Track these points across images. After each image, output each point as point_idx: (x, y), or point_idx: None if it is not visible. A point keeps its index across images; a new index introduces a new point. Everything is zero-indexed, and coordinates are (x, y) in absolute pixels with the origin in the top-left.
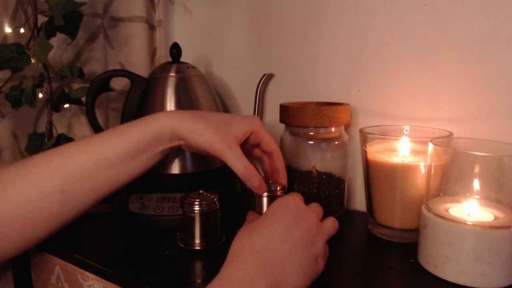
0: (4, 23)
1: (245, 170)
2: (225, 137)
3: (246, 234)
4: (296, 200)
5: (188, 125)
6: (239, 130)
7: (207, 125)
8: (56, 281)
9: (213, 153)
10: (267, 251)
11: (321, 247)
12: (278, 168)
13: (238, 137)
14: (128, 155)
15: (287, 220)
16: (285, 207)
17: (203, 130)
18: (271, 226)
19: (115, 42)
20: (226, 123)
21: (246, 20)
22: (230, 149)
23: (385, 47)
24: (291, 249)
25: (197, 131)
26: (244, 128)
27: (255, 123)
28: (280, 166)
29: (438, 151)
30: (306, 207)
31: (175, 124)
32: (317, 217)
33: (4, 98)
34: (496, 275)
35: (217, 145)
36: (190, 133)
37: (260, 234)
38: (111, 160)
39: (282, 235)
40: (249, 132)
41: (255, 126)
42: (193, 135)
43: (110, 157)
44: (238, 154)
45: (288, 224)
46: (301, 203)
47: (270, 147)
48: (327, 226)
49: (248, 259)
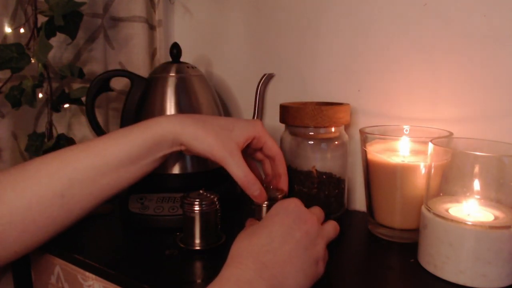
0: (4, 23)
1: (245, 179)
2: (226, 144)
3: (246, 236)
4: (297, 203)
5: (189, 131)
6: (241, 136)
7: (208, 131)
8: (56, 281)
9: (214, 160)
10: (267, 251)
11: (321, 249)
12: (279, 173)
13: (239, 144)
14: (129, 160)
15: (287, 222)
16: (285, 210)
17: (205, 137)
18: (271, 228)
19: (115, 42)
20: (227, 129)
21: (246, 20)
22: (231, 157)
23: (385, 47)
24: (292, 250)
25: (198, 137)
26: (246, 134)
27: (257, 128)
28: (282, 171)
29: (438, 151)
30: (306, 210)
31: (177, 129)
32: (318, 220)
33: (4, 98)
34: (496, 275)
35: (218, 152)
36: (191, 140)
37: (261, 235)
38: (112, 165)
39: (283, 236)
40: (251, 137)
41: (258, 131)
42: (194, 141)
43: (110, 162)
44: (239, 161)
45: (289, 226)
46: (302, 206)
47: (272, 152)
48: (328, 229)
49: (248, 259)
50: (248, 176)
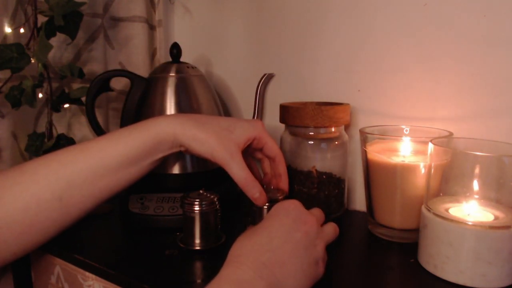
0: (4, 23)
1: (246, 181)
2: (227, 145)
3: (246, 236)
4: (297, 204)
5: (189, 133)
6: (242, 137)
7: (209, 133)
8: (56, 281)
9: (214, 161)
10: (267, 251)
11: (321, 250)
12: (280, 173)
13: (240, 145)
14: (128, 161)
15: (287, 222)
16: (285, 210)
17: (205, 138)
18: (271, 228)
19: (115, 42)
20: (228, 130)
21: (246, 20)
22: (232, 159)
23: (385, 47)
24: (292, 250)
25: (198, 139)
26: (247, 135)
27: (258, 129)
28: (282, 171)
29: (438, 151)
30: (306, 211)
31: (176, 131)
32: (317, 222)
33: (4, 98)
34: (496, 275)
35: (219, 154)
36: (192, 141)
37: (261, 235)
38: (110, 167)
39: (283, 236)
40: (252, 138)
41: (258, 132)
42: (194, 143)
43: (109, 164)
44: (240, 163)
45: (289, 226)
46: (301, 207)
47: (273, 152)
48: (327, 231)
49: (248, 259)
50: (248, 178)
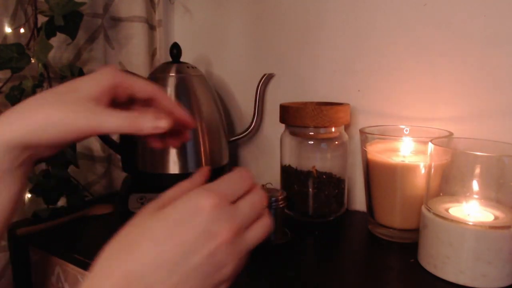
0: (4, 23)
1: (127, 119)
2: (79, 107)
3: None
4: (216, 203)
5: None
6: (92, 90)
7: (48, 109)
8: (56, 281)
9: (78, 135)
10: (146, 286)
11: (228, 271)
12: (170, 109)
13: (95, 98)
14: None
15: (187, 239)
16: (194, 216)
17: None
18: (162, 247)
19: (115, 42)
20: (71, 92)
21: (246, 20)
22: (94, 114)
23: (385, 47)
24: (180, 283)
25: (40, 124)
26: (97, 86)
27: (111, 74)
28: (171, 106)
29: (438, 151)
30: (225, 216)
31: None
32: (239, 228)
33: (4, 98)
34: (496, 275)
35: (76, 122)
36: (33, 133)
37: (144, 256)
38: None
39: (174, 262)
40: (107, 87)
41: (113, 77)
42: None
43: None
44: (107, 112)
45: (188, 247)
46: (222, 207)
47: (147, 92)
48: (251, 236)
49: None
50: (128, 115)
